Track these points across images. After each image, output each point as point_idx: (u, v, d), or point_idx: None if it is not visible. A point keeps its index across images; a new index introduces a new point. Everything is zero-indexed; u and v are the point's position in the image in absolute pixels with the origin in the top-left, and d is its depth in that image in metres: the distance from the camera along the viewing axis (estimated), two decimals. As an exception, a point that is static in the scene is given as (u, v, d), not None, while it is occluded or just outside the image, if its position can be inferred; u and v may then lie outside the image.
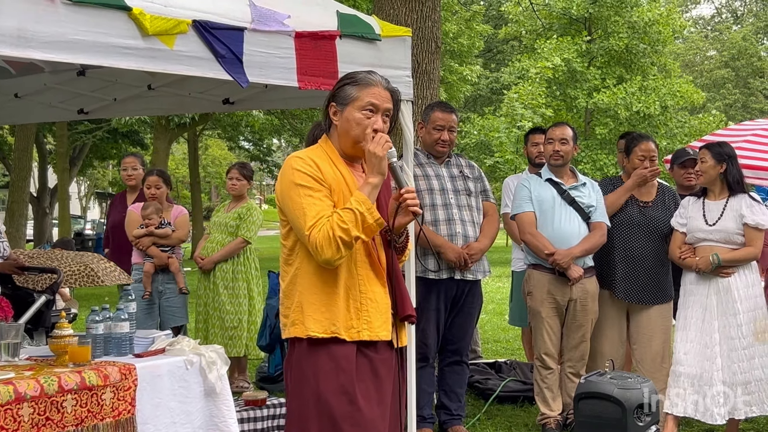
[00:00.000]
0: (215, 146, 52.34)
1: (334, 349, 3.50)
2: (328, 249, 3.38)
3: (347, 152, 3.67)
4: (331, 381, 3.48)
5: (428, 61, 7.49)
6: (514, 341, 11.18)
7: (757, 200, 6.08)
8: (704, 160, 6.10)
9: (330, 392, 3.47)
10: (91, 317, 4.36)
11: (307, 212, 3.42)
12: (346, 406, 3.48)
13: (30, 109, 7.02)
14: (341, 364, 3.49)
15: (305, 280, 3.53)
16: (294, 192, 3.46)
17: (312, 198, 3.44)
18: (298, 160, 3.52)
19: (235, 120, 30.58)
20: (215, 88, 6.01)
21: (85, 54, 3.70)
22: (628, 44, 29.32)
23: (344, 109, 3.58)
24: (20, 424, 3.62)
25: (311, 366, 3.50)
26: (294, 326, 3.54)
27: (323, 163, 3.54)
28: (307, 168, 3.49)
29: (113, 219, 8.14)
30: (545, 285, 6.38)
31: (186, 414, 4.38)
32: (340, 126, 3.60)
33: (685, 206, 6.23)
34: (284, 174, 3.53)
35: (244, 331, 7.74)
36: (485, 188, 6.52)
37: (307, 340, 3.50)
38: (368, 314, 3.57)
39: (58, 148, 26.40)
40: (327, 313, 3.50)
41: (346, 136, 3.60)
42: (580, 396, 4.78)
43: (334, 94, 3.61)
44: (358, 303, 3.55)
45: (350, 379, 3.49)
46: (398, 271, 3.81)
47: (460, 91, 30.92)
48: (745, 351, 5.90)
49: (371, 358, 3.59)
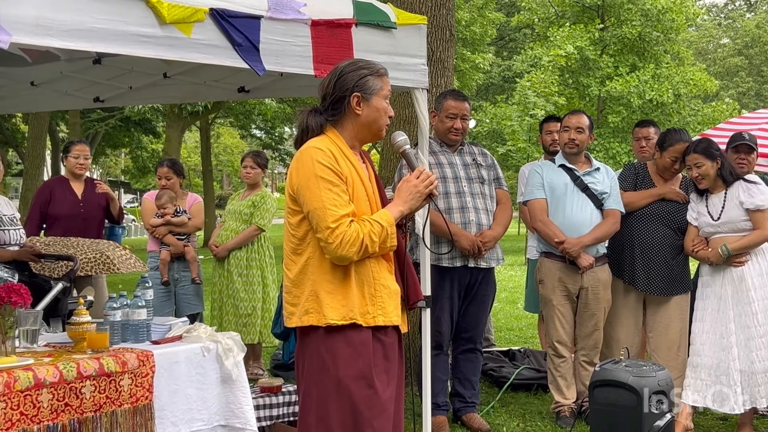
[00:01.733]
0: (227, 135, 52.43)
1: (351, 335, 3.56)
2: (352, 248, 3.46)
3: (362, 141, 3.75)
4: (350, 367, 3.54)
5: (442, 49, 7.47)
6: (527, 329, 11.19)
7: (753, 181, 6.04)
8: (700, 164, 6.04)
9: (350, 378, 3.54)
10: (108, 304, 4.38)
11: (329, 205, 3.45)
12: (365, 390, 3.56)
13: (46, 97, 7.04)
14: (359, 349, 3.56)
15: (318, 269, 3.56)
16: (315, 184, 3.48)
17: (332, 192, 3.48)
18: (319, 152, 3.53)
19: (247, 108, 30.61)
20: (230, 76, 6.02)
21: (103, 42, 3.71)
22: (641, 32, 29.17)
23: (371, 99, 3.64)
24: (39, 409, 3.66)
25: (330, 353, 3.55)
26: (308, 315, 3.56)
27: (338, 155, 3.58)
28: (329, 161, 3.52)
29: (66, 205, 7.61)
30: (556, 273, 6.39)
31: (203, 400, 4.41)
32: (365, 115, 3.65)
33: (694, 201, 6.22)
34: (305, 165, 3.54)
35: (258, 318, 7.78)
36: (498, 176, 6.51)
37: (325, 327, 3.54)
38: (382, 300, 3.64)
39: (71, 136, 26.44)
40: (344, 300, 3.54)
41: (371, 125, 3.68)
42: (595, 384, 4.78)
43: (356, 84, 3.62)
44: (372, 289, 3.62)
45: (368, 364, 3.57)
46: (408, 256, 3.90)
47: (473, 79, 30.91)
48: (762, 339, 5.88)
49: (383, 342, 3.67)
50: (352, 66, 3.69)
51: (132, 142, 36.40)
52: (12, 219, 5.61)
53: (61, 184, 7.68)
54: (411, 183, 3.69)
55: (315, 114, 3.70)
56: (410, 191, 3.68)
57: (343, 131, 3.68)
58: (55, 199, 7.56)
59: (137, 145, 37.25)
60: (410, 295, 3.86)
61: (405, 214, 3.68)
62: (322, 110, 3.70)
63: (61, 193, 7.59)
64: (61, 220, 7.47)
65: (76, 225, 7.36)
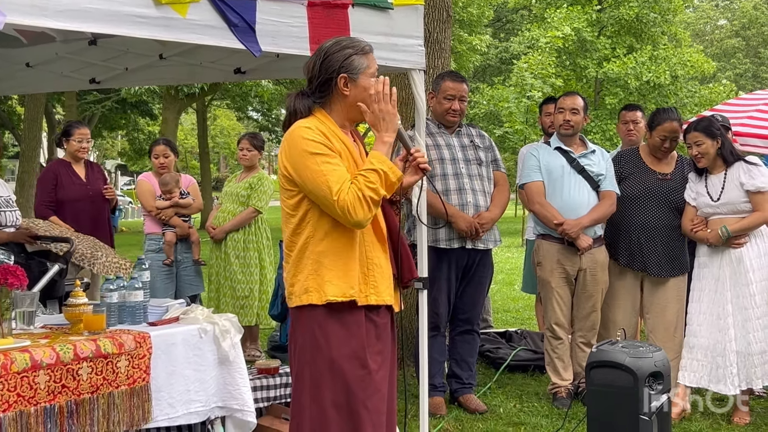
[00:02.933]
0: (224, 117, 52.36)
1: (345, 316, 3.55)
2: (360, 209, 3.43)
3: (352, 121, 3.72)
4: (344, 347, 3.54)
5: (439, 30, 7.44)
6: (524, 311, 11.21)
7: (754, 162, 6.04)
8: (700, 142, 6.03)
9: (343, 358, 3.54)
10: (105, 286, 4.38)
11: (330, 178, 3.42)
12: (359, 371, 3.56)
13: (42, 79, 7.01)
14: (352, 329, 3.56)
15: (317, 248, 3.55)
16: (310, 161, 3.45)
17: (330, 164, 3.45)
18: (306, 130, 3.51)
19: (244, 90, 30.56)
20: (227, 57, 5.99)
21: (99, 23, 3.68)
22: (639, 13, 29.09)
23: (358, 79, 3.59)
24: (36, 391, 3.66)
25: (323, 332, 3.54)
26: (308, 293, 3.55)
27: (328, 133, 3.56)
28: (317, 136, 3.49)
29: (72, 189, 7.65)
30: (554, 255, 6.39)
31: (200, 382, 4.42)
32: (353, 96, 3.60)
33: (693, 181, 6.22)
34: (294, 144, 3.51)
35: (255, 300, 7.79)
36: (496, 158, 6.51)
37: (323, 306, 3.53)
38: (375, 279, 3.64)
39: (68, 118, 26.37)
40: (344, 277, 3.54)
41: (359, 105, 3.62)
42: (592, 365, 4.78)
43: (342, 65, 3.57)
44: (365, 268, 3.62)
45: (361, 345, 3.58)
46: (403, 235, 3.90)
47: (470, 60, 30.85)
48: (760, 320, 5.90)
49: (376, 322, 3.67)
50: (337, 46, 3.63)
51: (128, 125, 36.37)
52: (8, 201, 5.59)
53: (64, 168, 7.72)
54: (375, 108, 3.57)
55: (302, 97, 3.66)
56: (381, 117, 3.58)
57: (332, 112, 3.65)
58: (61, 183, 7.60)
59: (134, 127, 37.23)
60: (404, 273, 3.85)
61: (391, 141, 3.57)
62: (309, 92, 3.66)
63: (66, 177, 7.64)
64: (70, 204, 7.53)
65: (85, 207, 7.53)
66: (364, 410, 3.55)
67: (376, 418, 3.61)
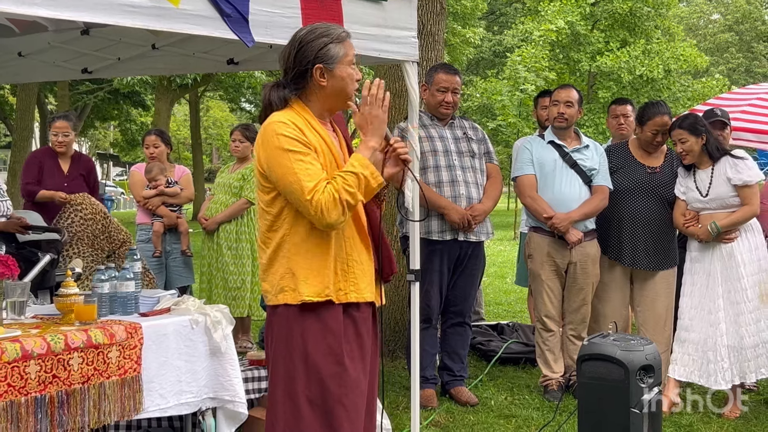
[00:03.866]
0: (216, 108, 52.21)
1: (322, 312, 3.48)
2: (333, 212, 3.33)
3: (332, 111, 3.63)
4: (319, 342, 3.47)
5: (433, 22, 7.43)
6: (516, 303, 11.23)
7: (741, 156, 6.05)
8: (684, 139, 6.05)
9: (318, 353, 3.46)
10: (96, 276, 4.37)
11: (302, 177, 3.33)
12: (334, 367, 3.48)
13: (34, 68, 6.98)
14: (329, 325, 3.49)
15: (294, 246, 3.46)
16: (283, 158, 3.36)
17: (303, 162, 3.35)
18: (281, 125, 3.40)
19: (237, 81, 30.47)
20: (220, 47, 5.98)
21: (91, 12, 3.66)
22: (632, 7, 29.11)
23: (335, 69, 3.48)
24: (27, 381, 3.65)
25: (299, 328, 3.47)
26: (283, 293, 3.48)
27: (304, 127, 3.45)
28: (292, 132, 3.38)
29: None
30: (545, 248, 6.40)
31: (191, 373, 4.41)
32: (330, 86, 3.50)
33: (682, 176, 6.23)
34: (268, 140, 3.41)
35: (247, 291, 7.78)
36: (489, 150, 6.51)
37: (299, 305, 3.46)
38: (355, 276, 3.57)
39: (60, 108, 26.27)
40: (319, 276, 3.46)
41: (338, 94, 3.54)
42: (583, 357, 4.78)
43: (317, 55, 3.47)
44: (345, 265, 3.54)
45: (338, 341, 3.50)
46: (383, 229, 3.83)
47: (463, 53, 30.81)
48: (752, 314, 5.92)
49: (354, 317, 3.60)
50: (311, 35, 3.50)
51: (121, 115, 36.25)
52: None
53: (49, 159, 7.64)
54: (365, 111, 3.49)
55: (277, 88, 3.55)
56: (369, 121, 3.50)
57: (309, 103, 3.55)
58: (43, 173, 7.54)
59: (126, 118, 37.11)
60: (384, 268, 3.78)
61: (377, 146, 3.49)
62: (285, 83, 3.55)
63: (48, 168, 7.57)
64: None
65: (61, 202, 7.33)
66: (339, 407, 3.48)
67: (353, 415, 3.54)
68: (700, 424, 5.78)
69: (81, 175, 7.63)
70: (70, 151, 7.73)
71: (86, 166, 7.87)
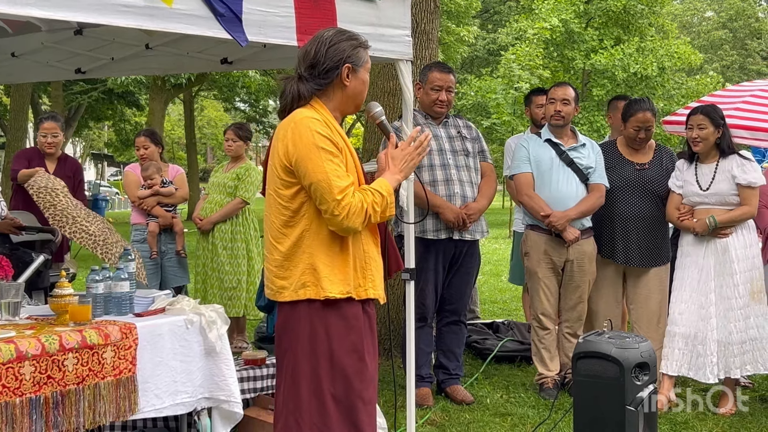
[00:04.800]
0: (211, 107, 52.17)
1: (344, 308, 3.54)
2: (357, 219, 3.44)
3: (345, 112, 3.71)
4: (343, 340, 3.54)
5: (427, 20, 7.43)
6: (511, 302, 11.23)
7: (748, 158, 6.06)
8: (703, 125, 6.04)
9: (343, 351, 3.54)
10: (91, 276, 4.36)
11: (332, 177, 3.41)
12: (358, 363, 3.57)
13: (27, 69, 6.97)
14: (351, 322, 3.56)
15: (316, 242, 3.51)
16: (316, 155, 3.42)
17: (333, 163, 3.44)
18: (315, 122, 3.47)
19: (231, 81, 30.43)
20: (213, 47, 5.97)
21: (84, 12, 3.65)
22: (626, 5, 29.05)
23: (359, 71, 3.61)
24: (22, 382, 3.64)
25: (322, 325, 3.52)
26: (305, 288, 3.51)
27: (331, 126, 3.54)
28: (327, 131, 3.47)
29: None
30: (542, 246, 6.40)
31: (186, 373, 4.40)
32: (352, 87, 3.61)
33: (680, 169, 6.23)
34: (303, 135, 3.45)
35: (242, 291, 7.78)
36: (483, 149, 6.51)
37: (321, 301, 3.51)
38: (372, 273, 3.65)
39: (54, 108, 26.15)
40: (341, 274, 3.53)
41: (356, 97, 3.64)
42: (579, 355, 4.78)
43: (349, 55, 3.58)
44: (363, 262, 3.61)
45: (360, 337, 3.58)
46: (388, 227, 3.91)
47: (457, 52, 30.80)
48: (742, 311, 5.93)
49: (369, 313, 3.68)
50: (341, 35, 3.62)
51: (115, 115, 36.19)
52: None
53: (37, 159, 7.60)
54: (406, 151, 3.67)
55: (303, 81, 3.60)
56: (405, 159, 3.66)
57: (328, 102, 3.61)
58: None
59: (120, 118, 37.05)
60: (391, 265, 3.89)
61: (400, 182, 3.67)
62: (309, 78, 3.59)
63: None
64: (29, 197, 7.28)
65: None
66: (360, 402, 3.57)
67: (371, 408, 3.65)
68: (695, 422, 5.79)
69: (67, 177, 7.55)
70: (57, 153, 7.72)
71: (72, 167, 7.81)
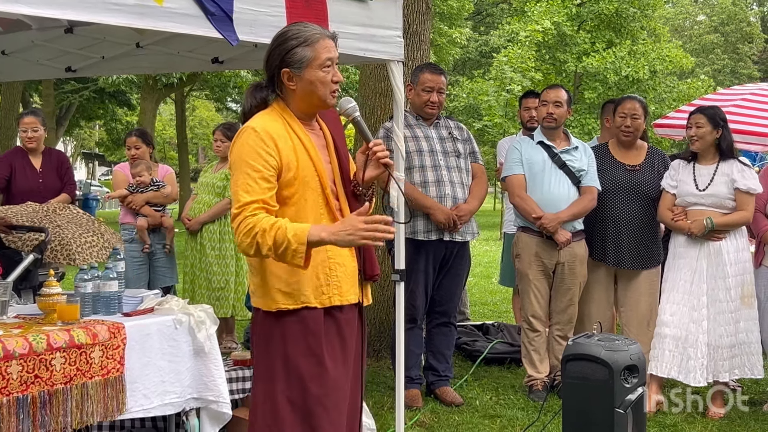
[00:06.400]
0: (203, 107, 52.10)
1: (302, 314, 3.44)
2: (245, 239, 3.25)
3: (310, 112, 3.58)
4: (299, 343, 3.44)
5: (419, 22, 7.42)
6: (501, 304, 11.24)
7: (747, 164, 6.09)
8: (700, 124, 6.06)
9: (298, 354, 3.43)
10: (79, 276, 4.35)
11: (240, 191, 3.29)
12: (314, 367, 3.45)
13: (17, 67, 6.94)
14: (309, 326, 3.45)
15: None
16: (238, 167, 3.34)
17: (248, 177, 3.30)
18: (254, 137, 3.36)
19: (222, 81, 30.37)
20: (204, 46, 5.95)
21: (74, 10, 3.64)
22: (618, 8, 29.12)
23: (302, 73, 3.43)
24: (9, 381, 3.62)
25: (279, 328, 3.45)
26: (262, 299, 3.48)
27: (281, 136, 3.41)
28: (262, 147, 3.34)
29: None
30: (533, 248, 6.40)
31: (175, 373, 4.40)
32: (300, 89, 3.46)
33: (676, 169, 6.23)
34: (238, 145, 3.38)
35: (231, 291, 7.75)
36: (474, 150, 6.51)
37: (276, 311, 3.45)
38: (338, 279, 3.51)
39: (45, 107, 26.10)
40: (295, 284, 3.41)
41: (309, 97, 3.48)
42: (568, 357, 4.78)
43: (284, 59, 3.44)
44: (327, 269, 3.48)
45: (318, 342, 3.46)
46: None
47: (449, 53, 30.82)
48: (732, 314, 5.94)
49: (337, 318, 3.55)
50: (281, 38, 3.48)
51: (106, 114, 36.11)
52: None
53: (20, 158, 7.58)
54: (355, 221, 3.28)
55: (257, 90, 3.54)
56: (348, 230, 3.26)
57: (289, 103, 3.52)
58: (15, 173, 7.48)
59: (111, 117, 36.97)
60: (366, 270, 3.69)
61: (325, 243, 3.30)
62: (266, 85, 3.54)
63: (20, 168, 7.52)
64: (22, 195, 7.22)
65: (36, 199, 7.25)
66: (320, 408, 3.45)
67: (334, 416, 3.51)
68: (684, 424, 5.79)
69: (54, 170, 7.57)
70: (40, 147, 7.67)
71: (58, 159, 7.80)
